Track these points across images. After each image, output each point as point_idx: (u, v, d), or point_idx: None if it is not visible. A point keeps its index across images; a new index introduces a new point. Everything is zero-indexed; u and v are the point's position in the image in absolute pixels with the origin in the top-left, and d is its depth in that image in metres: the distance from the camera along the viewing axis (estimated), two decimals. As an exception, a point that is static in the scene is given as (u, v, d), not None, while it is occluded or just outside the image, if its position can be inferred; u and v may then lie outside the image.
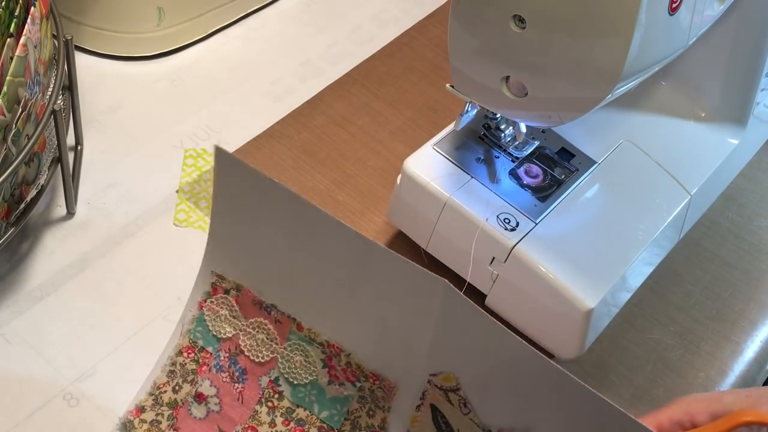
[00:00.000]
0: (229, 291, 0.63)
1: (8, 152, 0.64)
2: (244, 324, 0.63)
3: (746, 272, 0.81)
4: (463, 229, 0.71)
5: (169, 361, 0.64)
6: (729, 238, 0.83)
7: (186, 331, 0.64)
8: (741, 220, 0.85)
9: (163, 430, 0.63)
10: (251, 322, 0.63)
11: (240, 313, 0.63)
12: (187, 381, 0.63)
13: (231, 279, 0.63)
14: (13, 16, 0.66)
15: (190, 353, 0.64)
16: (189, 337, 0.64)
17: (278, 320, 0.62)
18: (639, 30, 0.56)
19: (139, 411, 0.63)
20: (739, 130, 0.81)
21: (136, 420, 0.63)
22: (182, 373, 0.64)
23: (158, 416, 0.63)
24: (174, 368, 0.64)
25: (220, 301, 0.64)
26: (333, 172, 0.83)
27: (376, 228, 0.79)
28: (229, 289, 0.63)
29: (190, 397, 0.63)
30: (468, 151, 0.74)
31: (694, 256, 0.81)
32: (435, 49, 0.95)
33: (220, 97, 0.87)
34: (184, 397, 0.63)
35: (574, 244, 0.71)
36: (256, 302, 0.63)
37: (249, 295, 0.63)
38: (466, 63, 0.65)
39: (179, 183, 0.80)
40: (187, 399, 0.63)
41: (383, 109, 0.89)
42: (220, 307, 0.64)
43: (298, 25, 0.95)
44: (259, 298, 0.62)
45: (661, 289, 0.78)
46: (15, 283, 0.71)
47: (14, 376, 0.67)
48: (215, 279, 0.64)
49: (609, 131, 0.78)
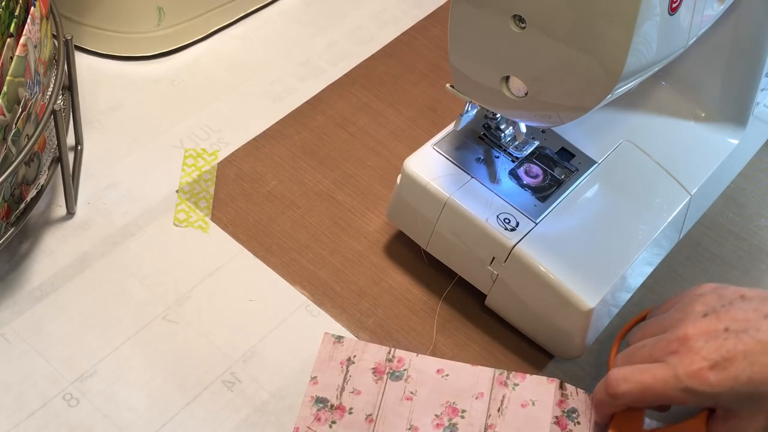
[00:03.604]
0: None
1: (8, 152, 0.64)
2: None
3: (746, 272, 0.81)
4: (463, 230, 0.71)
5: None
6: (729, 238, 0.83)
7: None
8: (741, 220, 0.85)
9: None
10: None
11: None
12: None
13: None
14: (13, 16, 0.66)
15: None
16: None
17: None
18: (639, 30, 0.56)
19: None
20: (739, 130, 0.81)
21: None
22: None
23: None
24: None
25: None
26: (333, 172, 0.83)
27: (376, 228, 0.79)
28: None
29: None
30: (468, 151, 0.74)
31: (694, 256, 0.81)
32: (435, 49, 0.95)
33: (220, 97, 0.87)
34: None
35: (574, 244, 0.71)
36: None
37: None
38: (466, 63, 0.65)
39: (179, 183, 0.80)
40: None
41: (383, 109, 0.89)
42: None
43: (298, 25, 0.95)
44: None
45: (661, 289, 0.78)
46: (15, 283, 0.71)
47: (14, 376, 0.67)
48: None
49: (609, 131, 0.78)
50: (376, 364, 0.68)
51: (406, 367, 0.68)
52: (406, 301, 0.75)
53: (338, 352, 0.68)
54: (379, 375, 0.67)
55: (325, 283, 0.75)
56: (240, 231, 0.77)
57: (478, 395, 0.67)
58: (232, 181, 0.81)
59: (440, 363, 0.69)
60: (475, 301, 0.75)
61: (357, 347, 0.69)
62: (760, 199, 0.86)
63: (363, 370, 0.67)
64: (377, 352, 0.69)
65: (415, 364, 0.68)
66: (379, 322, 0.73)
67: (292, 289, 0.74)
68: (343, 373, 0.67)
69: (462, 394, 0.67)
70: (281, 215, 0.79)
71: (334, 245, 0.78)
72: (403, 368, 0.68)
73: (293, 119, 0.87)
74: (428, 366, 0.68)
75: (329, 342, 0.69)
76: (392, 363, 0.68)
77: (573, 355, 0.71)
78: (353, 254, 0.77)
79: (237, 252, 0.76)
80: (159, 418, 0.66)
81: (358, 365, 0.68)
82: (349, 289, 0.75)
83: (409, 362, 0.68)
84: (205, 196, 0.79)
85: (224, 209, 0.79)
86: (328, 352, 0.68)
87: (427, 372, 0.68)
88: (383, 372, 0.67)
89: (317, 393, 0.66)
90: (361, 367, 0.68)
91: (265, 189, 0.81)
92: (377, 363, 0.68)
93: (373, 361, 0.68)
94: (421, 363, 0.69)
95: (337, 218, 0.80)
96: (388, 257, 0.78)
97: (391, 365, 0.68)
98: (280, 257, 0.76)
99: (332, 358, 0.68)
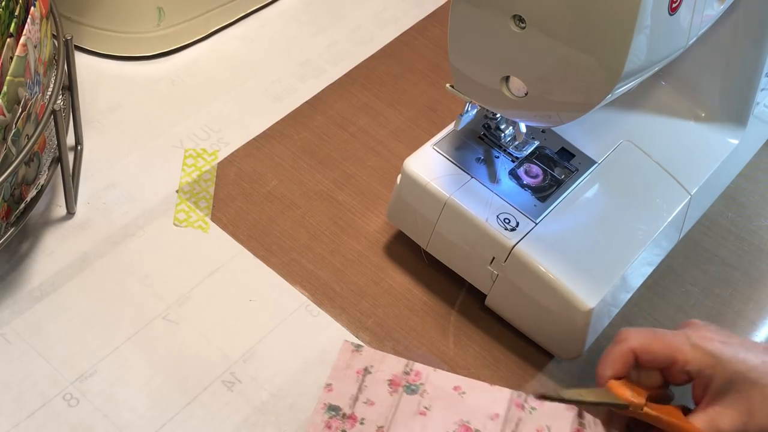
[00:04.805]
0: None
1: (8, 152, 0.64)
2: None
3: (746, 272, 0.81)
4: (463, 229, 0.71)
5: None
6: (729, 238, 0.83)
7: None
8: (741, 220, 0.85)
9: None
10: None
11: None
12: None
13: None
14: (13, 16, 0.66)
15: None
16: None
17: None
18: (639, 30, 0.56)
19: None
20: (739, 130, 0.81)
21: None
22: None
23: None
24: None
25: None
26: (333, 172, 0.83)
27: (376, 228, 0.79)
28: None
29: None
30: (468, 151, 0.74)
31: (694, 256, 0.81)
32: (435, 49, 0.95)
33: (220, 97, 0.87)
34: None
35: (574, 244, 0.71)
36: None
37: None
38: (466, 63, 0.65)
39: (179, 183, 0.80)
40: None
41: (383, 109, 0.89)
42: None
43: (298, 25, 0.95)
44: None
45: (661, 289, 0.78)
46: (15, 283, 0.71)
47: (14, 376, 0.67)
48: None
49: (609, 131, 0.78)
50: (393, 375, 0.67)
51: (423, 382, 0.67)
52: (406, 301, 0.75)
53: (356, 361, 0.67)
54: (395, 387, 0.66)
55: (325, 283, 0.75)
56: (240, 231, 0.77)
57: (493, 416, 0.65)
58: (232, 181, 0.81)
59: (458, 380, 0.67)
60: (475, 301, 0.75)
61: (375, 357, 0.68)
62: (760, 199, 0.86)
63: (379, 381, 0.67)
64: (395, 364, 0.68)
65: (432, 379, 0.67)
66: (379, 322, 0.73)
67: (292, 289, 0.74)
68: (359, 382, 0.66)
69: (477, 413, 0.65)
70: (281, 215, 0.79)
71: (334, 245, 0.78)
72: (420, 382, 0.67)
73: (293, 119, 0.87)
74: (445, 382, 0.67)
75: (348, 350, 0.68)
76: (409, 376, 0.67)
77: (573, 355, 0.71)
78: (353, 254, 0.77)
79: (237, 252, 0.76)
80: (159, 418, 0.66)
81: (375, 376, 0.67)
82: (349, 289, 0.75)
83: (426, 377, 0.67)
84: (205, 196, 0.79)
85: (224, 209, 0.79)
86: (345, 360, 0.68)
87: (443, 388, 0.67)
88: (399, 384, 0.67)
89: (330, 400, 0.66)
90: (377, 378, 0.67)
91: (265, 189, 0.81)
92: (394, 375, 0.67)
93: (390, 372, 0.67)
94: (439, 378, 0.67)
95: (337, 218, 0.80)
96: (388, 257, 0.78)
97: (408, 378, 0.67)
98: (280, 257, 0.76)
99: (349, 366, 0.67)
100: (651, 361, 0.63)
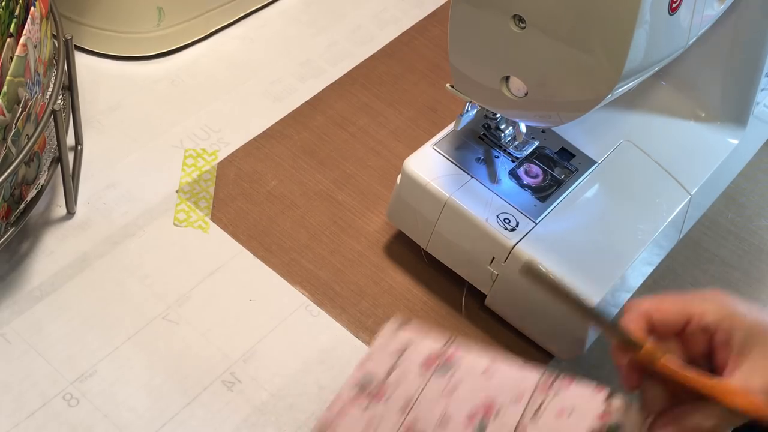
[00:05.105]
0: None
1: (8, 152, 0.64)
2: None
3: (746, 272, 0.81)
4: (463, 229, 0.71)
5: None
6: (729, 238, 0.83)
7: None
8: (741, 220, 0.85)
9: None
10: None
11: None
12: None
13: None
14: (13, 16, 0.66)
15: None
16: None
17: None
18: (639, 30, 0.56)
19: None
20: (739, 130, 0.81)
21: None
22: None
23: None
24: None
25: None
26: (333, 172, 0.83)
27: (376, 228, 0.79)
28: None
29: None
30: (468, 151, 0.74)
31: (694, 256, 0.81)
32: (435, 49, 0.95)
33: (220, 97, 0.87)
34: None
35: (574, 243, 0.71)
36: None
37: None
38: (466, 63, 0.65)
39: (179, 183, 0.80)
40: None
41: (383, 109, 0.89)
42: None
43: (298, 25, 0.95)
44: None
45: (661, 289, 0.78)
46: (15, 283, 0.71)
47: (14, 376, 0.67)
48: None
49: (609, 131, 0.78)
50: (428, 355, 0.66)
51: (456, 362, 0.66)
52: (406, 301, 0.75)
53: (396, 340, 0.66)
54: (428, 367, 0.66)
55: (325, 283, 0.75)
56: (240, 231, 0.77)
57: (518, 396, 0.64)
58: (232, 181, 0.81)
59: (489, 363, 0.65)
60: (475, 301, 0.75)
61: (417, 335, 0.66)
62: (760, 199, 0.86)
63: (413, 360, 0.65)
64: (434, 343, 0.66)
65: (466, 360, 0.65)
66: (379, 322, 0.73)
67: (292, 289, 0.74)
68: (393, 360, 0.66)
69: (502, 392, 0.64)
70: (281, 215, 0.79)
71: (334, 245, 0.78)
72: (453, 362, 0.66)
73: (293, 119, 0.87)
74: (478, 363, 0.65)
75: (393, 326, 0.66)
76: (445, 355, 0.65)
77: (573, 355, 0.71)
78: (353, 254, 0.77)
79: (237, 252, 0.76)
80: (159, 418, 0.66)
81: (410, 355, 0.66)
82: (349, 289, 0.75)
83: (460, 358, 0.65)
84: (205, 196, 0.79)
85: (224, 209, 0.79)
86: (386, 338, 0.66)
87: (472, 371, 0.65)
88: (432, 364, 0.66)
89: (362, 375, 0.65)
90: (412, 357, 0.66)
91: (265, 189, 0.81)
92: (430, 354, 0.66)
93: (427, 351, 0.66)
94: (473, 360, 0.65)
95: (337, 218, 0.80)
96: (388, 257, 0.78)
97: (443, 358, 0.65)
98: (280, 257, 0.76)
99: (389, 344, 0.66)
100: (665, 321, 0.57)
